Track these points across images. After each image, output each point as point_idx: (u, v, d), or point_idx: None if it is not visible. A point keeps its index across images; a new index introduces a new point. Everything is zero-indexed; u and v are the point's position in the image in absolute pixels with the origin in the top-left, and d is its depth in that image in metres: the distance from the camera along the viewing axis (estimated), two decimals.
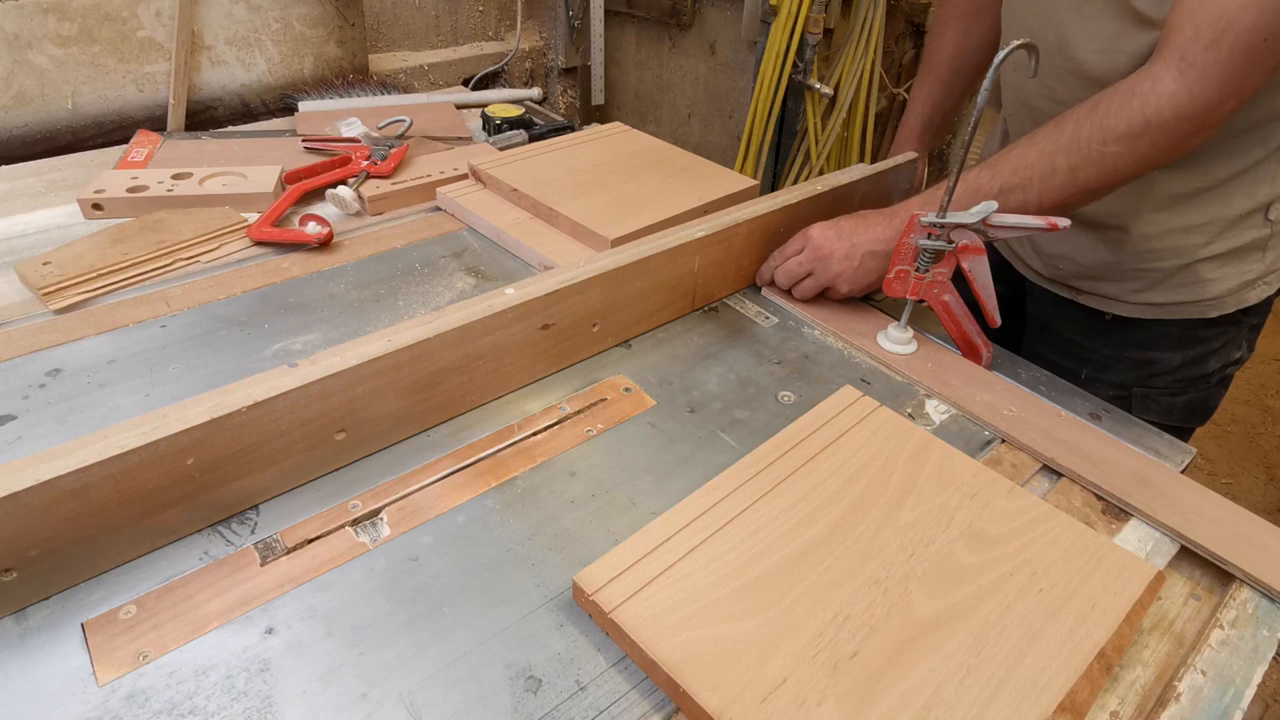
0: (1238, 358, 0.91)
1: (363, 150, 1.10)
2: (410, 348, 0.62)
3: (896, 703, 0.47)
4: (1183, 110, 0.65)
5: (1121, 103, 0.67)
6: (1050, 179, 0.71)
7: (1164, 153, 0.68)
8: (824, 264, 0.82)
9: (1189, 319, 0.87)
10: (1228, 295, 0.84)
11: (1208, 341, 0.88)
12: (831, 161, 1.92)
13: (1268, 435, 2.27)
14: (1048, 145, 0.71)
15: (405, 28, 1.76)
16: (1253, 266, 0.83)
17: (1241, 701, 0.51)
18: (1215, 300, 0.85)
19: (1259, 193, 0.79)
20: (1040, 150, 0.72)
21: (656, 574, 0.53)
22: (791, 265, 0.84)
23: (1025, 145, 0.73)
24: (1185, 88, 0.64)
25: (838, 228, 0.82)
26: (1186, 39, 0.64)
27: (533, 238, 0.93)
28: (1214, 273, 0.83)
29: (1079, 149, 0.69)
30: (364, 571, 0.56)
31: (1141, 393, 0.91)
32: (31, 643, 0.50)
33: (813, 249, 0.82)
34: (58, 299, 0.80)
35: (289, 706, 0.47)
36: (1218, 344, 0.88)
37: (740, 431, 0.71)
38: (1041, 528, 0.58)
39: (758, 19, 1.86)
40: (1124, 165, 0.68)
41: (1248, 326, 0.89)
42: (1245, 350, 0.91)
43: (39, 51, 1.15)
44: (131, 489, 0.52)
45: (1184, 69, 0.64)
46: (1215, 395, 0.93)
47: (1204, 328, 0.87)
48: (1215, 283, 0.83)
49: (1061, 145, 0.70)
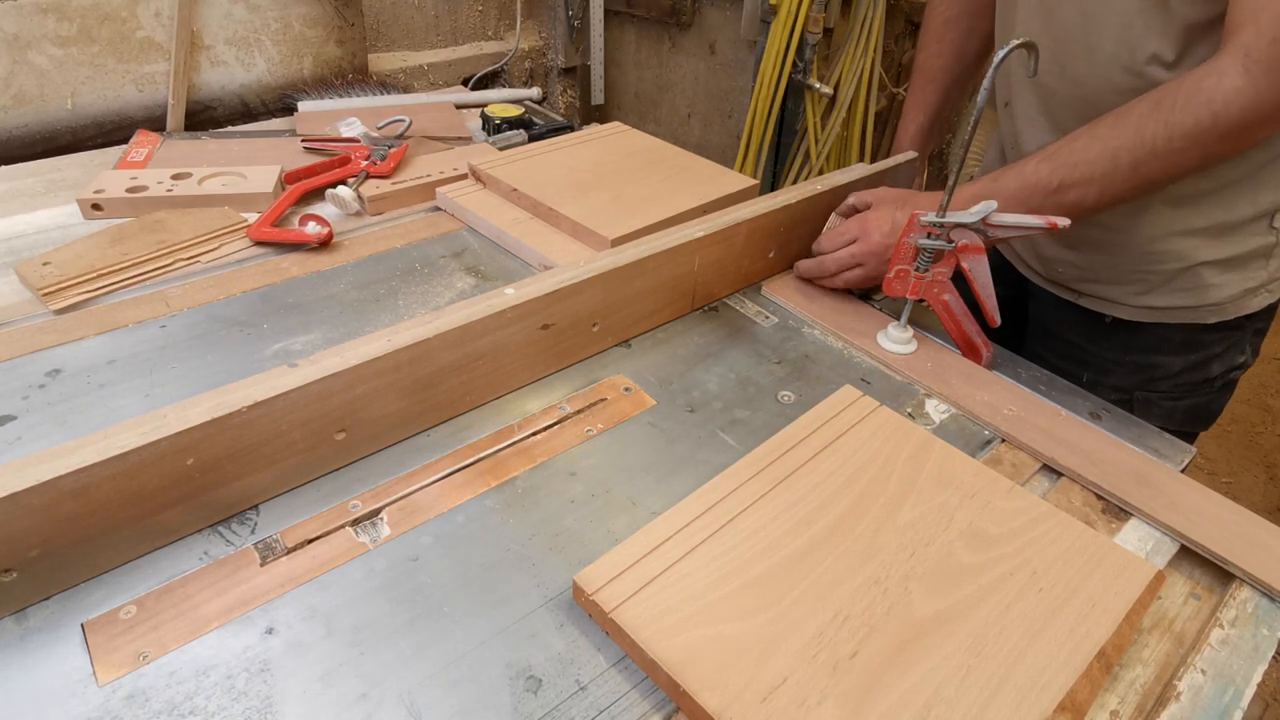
0: (1241, 362, 0.90)
1: (362, 150, 1.09)
2: (410, 348, 0.62)
3: (897, 702, 0.47)
4: (1249, 106, 0.64)
5: (1187, 99, 0.66)
6: (1113, 175, 0.70)
7: (1230, 148, 0.67)
8: (875, 260, 0.81)
9: (1191, 324, 0.86)
10: (1229, 301, 0.84)
11: (1210, 346, 0.88)
12: (831, 161, 1.92)
13: (1268, 435, 2.27)
14: (1111, 141, 0.70)
15: (405, 28, 1.76)
16: (1256, 274, 0.83)
17: (1241, 701, 0.51)
18: (1217, 306, 0.84)
19: (1262, 199, 0.78)
20: (1103, 146, 0.71)
21: (656, 574, 0.53)
22: (843, 255, 0.84)
23: (1086, 139, 0.72)
24: (1251, 83, 0.64)
25: (892, 222, 0.81)
26: (1250, 36, 0.63)
27: (533, 238, 0.93)
28: (1216, 278, 0.83)
29: (1144, 145, 0.68)
30: (364, 571, 0.56)
31: (1143, 397, 0.91)
32: (31, 643, 0.50)
33: (864, 245, 0.82)
34: (58, 299, 0.80)
35: (289, 706, 0.47)
36: (1220, 349, 0.88)
37: (740, 431, 0.71)
38: (1041, 527, 0.58)
39: (757, 19, 1.86)
40: (1190, 160, 0.68)
41: (1251, 331, 0.88)
42: (1249, 355, 0.91)
43: (38, 51, 1.15)
44: (132, 489, 0.52)
45: (1249, 65, 0.64)
46: (1218, 400, 0.93)
47: (1206, 332, 0.86)
48: (1217, 288, 0.83)
49: (1125, 142, 0.69)
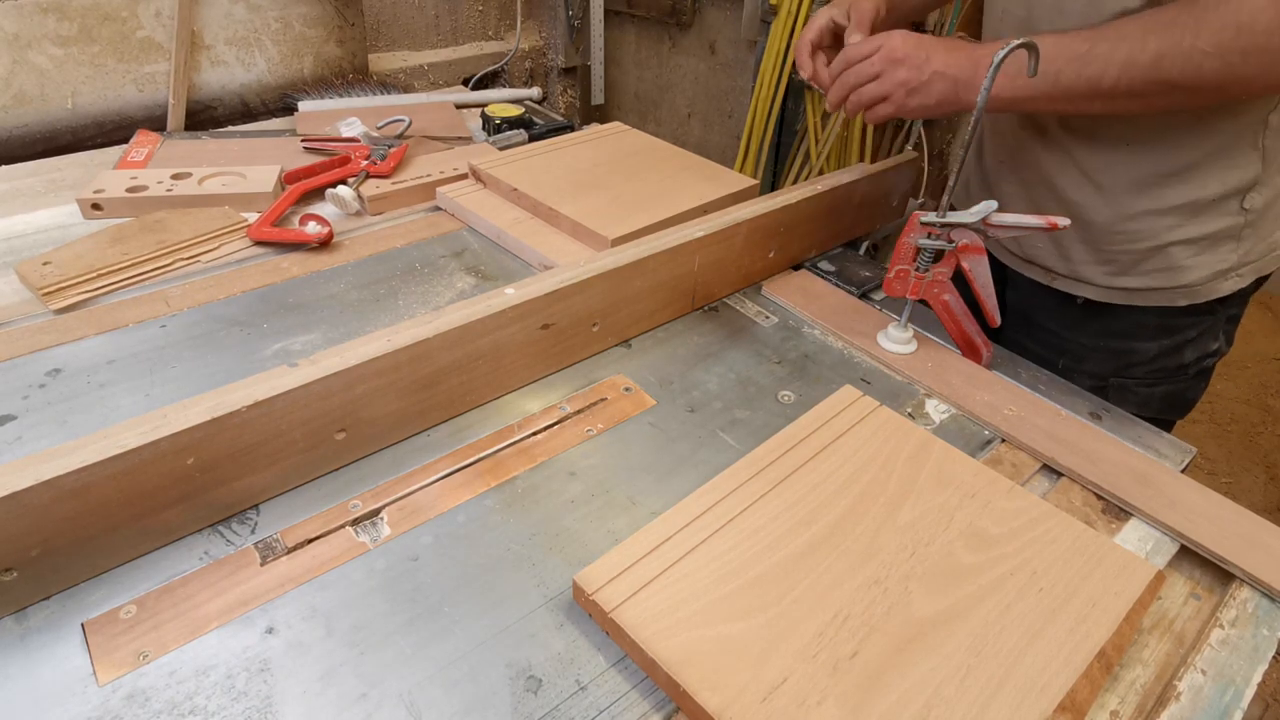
0: (1215, 349, 0.90)
1: (362, 150, 1.09)
2: (410, 347, 0.62)
3: (897, 702, 0.47)
4: (1274, 24, 0.62)
5: (1218, 4, 0.64)
6: (1137, 59, 0.68)
7: (1254, 69, 0.65)
8: (893, 68, 0.79)
9: (1163, 307, 0.86)
10: (1201, 284, 0.84)
11: (1184, 331, 0.88)
12: (831, 161, 1.92)
13: (1268, 435, 2.27)
14: (1147, 22, 0.68)
15: (405, 27, 1.76)
16: (1227, 256, 0.83)
17: (1241, 701, 0.51)
18: (1188, 288, 0.84)
19: (1230, 178, 0.78)
20: (1140, 25, 0.68)
21: (656, 574, 0.53)
22: (865, 67, 0.81)
23: (1125, 20, 0.70)
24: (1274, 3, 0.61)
25: (919, 39, 0.79)
26: None
27: (533, 237, 0.93)
28: (1187, 259, 0.83)
29: (1170, 37, 0.66)
30: (364, 571, 0.56)
31: (1119, 383, 0.91)
32: (32, 643, 0.50)
33: (888, 51, 0.79)
34: (58, 299, 0.80)
35: (289, 706, 0.47)
36: (1194, 334, 0.88)
37: (740, 431, 0.71)
38: (1041, 527, 0.58)
39: (758, 18, 1.86)
40: (1210, 71, 0.66)
41: (1224, 318, 0.89)
42: (1223, 342, 0.91)
43: (39, 51, 1.15)
44: (132, 489, 0.52)
45: None
46: (1194, 388, 0.93)
47: (1179, 316, 0.87)
48: (1188, 270, 0.83)
49: (1157, 26, 0.67)
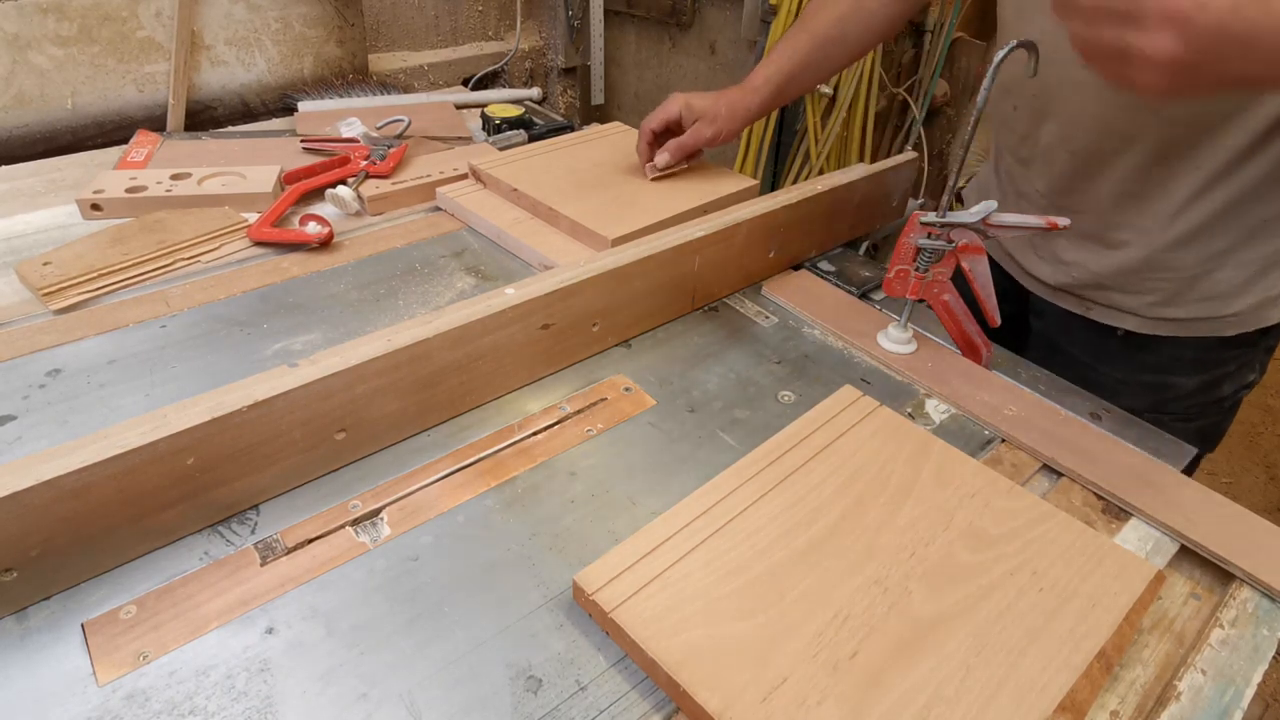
0: (1250, 381, 0.88)
1: (362, 150, 1.09)
2: (410, 347, 0.62)
3: (897, 702, 0.47)
4: None
5: None
6: None
7: None
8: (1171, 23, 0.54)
9: (1206, 338, 0.83)
10: (1249, 312, 0.81)
11: (1224, 364, 0.85)
12: (831, 161, 1.92)
13: (1268, 435, 2.27)
14: None
15: (405, 28, 1.76)
16: (1277, 282, 0.79)
17: (1241, 701, 0.51)
18: (1235, 317, 0.81)
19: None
20: None
21: (656, 574, 0.53)
22: None
23: None
24: None
25: None
26: None
27: (533, 237, 0.93)
28: (1236, 286, 0.79)
29: None
30: (364, 571, 0.56)
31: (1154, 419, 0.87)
32: (32, 643, 0.50)
33: None
34: (58, 299, 0.80)
35: (289, 706, 0.47)
36: (1233, 367, 0.85)
37: (740, 431, 0.71)
38: (1041, 527, 0.58)
39: (758, 19, 1.86)
40: None
41: (1263, 348, 0.86)
42: (1258, 373, 0.88)
43: (39, 52, 1.15)
44: (132, 489, 0.52)
45: None
46: (1226, 420, 0.91)
47: (1221, 349, 0.84)
48: (1236, 298, 0.80)
49: None
